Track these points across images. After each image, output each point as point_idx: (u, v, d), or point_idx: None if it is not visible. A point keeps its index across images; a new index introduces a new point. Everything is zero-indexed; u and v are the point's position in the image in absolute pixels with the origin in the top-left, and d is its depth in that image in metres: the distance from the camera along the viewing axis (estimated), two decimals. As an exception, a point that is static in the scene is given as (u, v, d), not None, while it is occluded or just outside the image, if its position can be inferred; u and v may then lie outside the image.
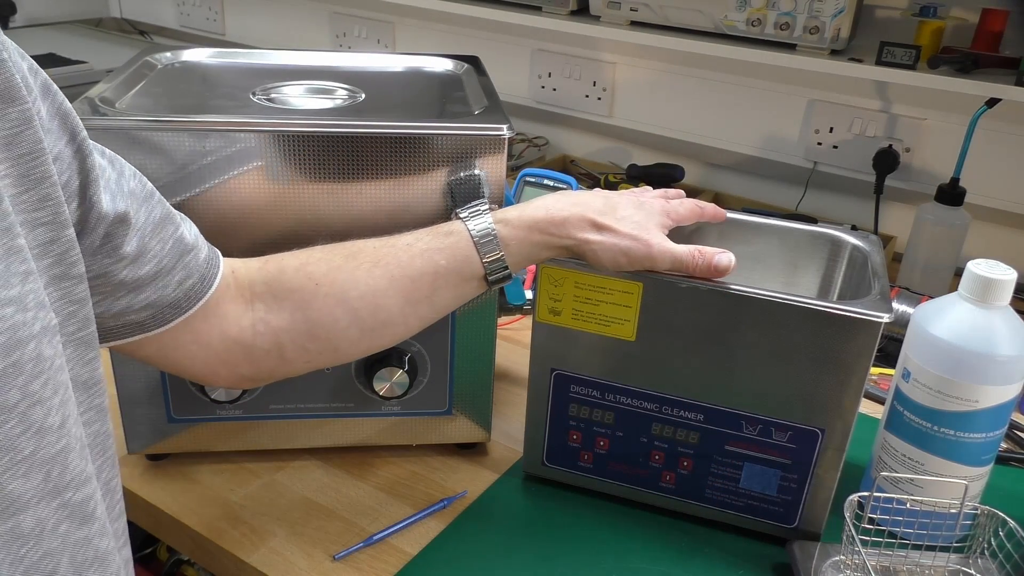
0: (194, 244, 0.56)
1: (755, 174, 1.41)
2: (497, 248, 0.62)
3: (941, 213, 1.10)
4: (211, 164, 0.64)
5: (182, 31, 2.08)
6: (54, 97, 0.44)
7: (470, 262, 0.62)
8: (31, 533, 0.39)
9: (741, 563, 0.69)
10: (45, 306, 0.40)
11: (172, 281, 0.54)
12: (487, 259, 0.62)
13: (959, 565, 0.67)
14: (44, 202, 0.41)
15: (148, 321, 0.54)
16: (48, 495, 0.39)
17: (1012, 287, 0.65)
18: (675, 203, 0.69)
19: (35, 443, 0.38)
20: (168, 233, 0.54)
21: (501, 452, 0.81)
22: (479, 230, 0.62)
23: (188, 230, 0.56)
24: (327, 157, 0.65)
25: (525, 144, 1.55)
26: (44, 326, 0.39)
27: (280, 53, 0.86)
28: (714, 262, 0.63)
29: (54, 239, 0.41)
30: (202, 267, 0.56)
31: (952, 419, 0.66)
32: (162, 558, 1.12)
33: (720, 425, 0.69)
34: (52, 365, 0.39)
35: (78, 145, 0.45)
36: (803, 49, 1.17)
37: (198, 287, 0.56)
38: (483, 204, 0.65)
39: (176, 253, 0.54)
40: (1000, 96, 1.05)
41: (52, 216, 0.41)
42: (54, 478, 0.40)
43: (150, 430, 0.74)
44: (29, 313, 0.38)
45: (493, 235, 0.62)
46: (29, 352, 0.37)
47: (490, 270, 0.62)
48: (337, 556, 0.68)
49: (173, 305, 0.55)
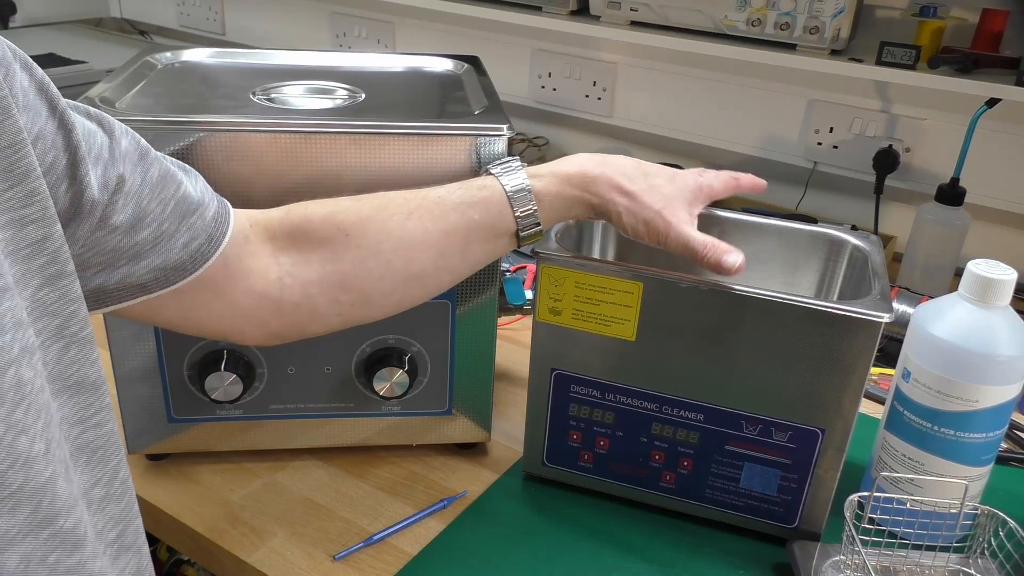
0: (199, 201, 0.53)
1: (755, 174, 1.41)
2: (531, 203, 0.61)
3: (941, 213, 1.10)
4: (211, 164, 0.64)
5: (182, 31, 2.08)
6: (32, 71, 0.41)
7: (503, 217, 0.61)
8: (16, 571, 0.36)
9: (741, 563, 0.69)
10: (23, 324, 0.37)
11: (176, 245, 0.51)
12: (520, 213, 0.61)
13: (959, 565, 0.67)
14: (32, 197, 0.38)
15: (151, 283, 0.51)
16: (37, 527, 0.37)
17: (1012, 287, 0.65)
18: (710, 177, 0.69)
19: (23, 475, 0.36)
20: (169, 193, 0.50)
21: (501, 452, 0.81)
22: (513, 185, 0.61)
23: (193, 185, 0.53)
24: (327, 157, 0.65)
25: (525, 144, 1.55)
26: (23, 347, 0.36)
27: (280, 53, 0.86)
28: (722, 260, 0.62)
29: (47, 236, 0.39)
30: (209, 226, 0.53)
31: (952, 419, 0.66)
32: (162, 558, 1.12)
33: (720, 425, 0.69)
34: (33, 388, 0.37)
35: (60, 117, 0.42)
36: (803, 49, 1.17)
37: (205, 248, 0.53)
38: (515, 160, 0.64)
39: (179, 214, 0.51)
40: (1000, 96, 1.05)
41: (41, 212, 0.39)
42: (44, 508, 0.37)
43: (150, 430, 0.74)
44: (7, 336, 0.35)
45: (527, 189, 0.61)
46: (9, 379, 0.35)
47: (522, 225, 0.62)
48: (337, 556, 0.68)
49: (177, 267, 0.52)
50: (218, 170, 0.64)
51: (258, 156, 0.64)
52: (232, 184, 0.65)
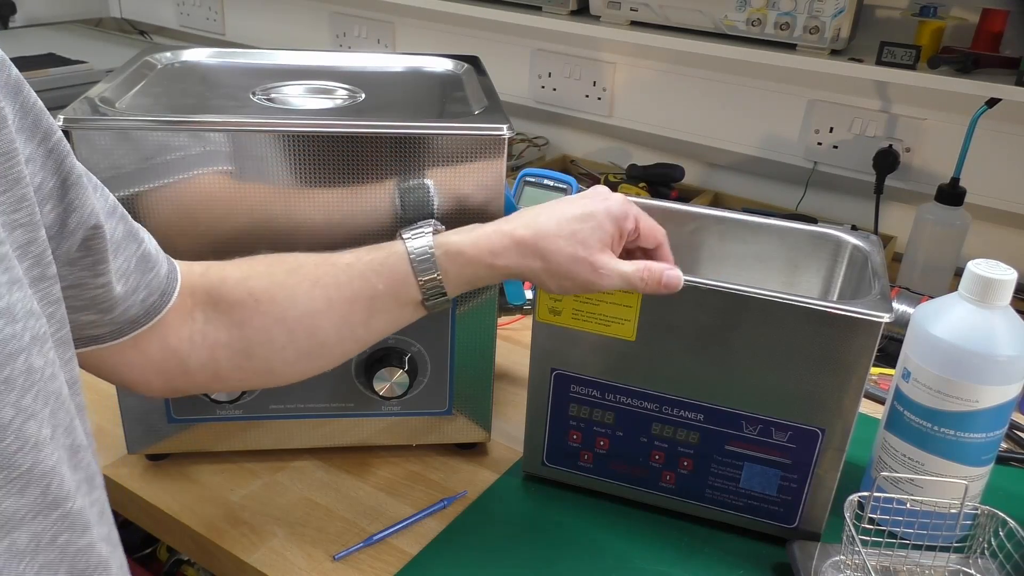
0: (156, 259, 0.55)
1: (755, 174, 1.41)
2: (434, 271, 0.59)
3: (941, 213, 1.10)
4: (210, 164, 0.64)
5: (182, 31, 2.08)
6: (25, 97, 0.42)
7: (407, 285, 0.60)
8: (26, 550, 0.38)
9: (741, 563, 0.69)
10: (35, 314, 0.39)
11: (136, 300, 0.53)
12: (423, 279, 0.59)
13: (959, 565, 0.67)
14: (21, 203, 0.40)
15: (105, 335, 0.53)
16: (47, 508, 0.39)
17: (1012, 287, 0.65)
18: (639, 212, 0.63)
19: (32, 458, 0.37)
20: (132, 251, 0.52)
21: (501, 452, 0.81)
22: (417, 251, 0.60)
23: (151, 244, 0.55)
24: (327, 157, 0.65)
25: (525, 144, 1.55)
26: (34, 335, 0.38)
27: (280, 53, 0.86)
28: (663, 280, 0.60)
29: (31, 240, 0.40)
30: (163, 283, 0.55)
31: (952, 419, 0.66)
32: (162, 558, 1.12)
33: (720, 425, 0.69)
34: (42, 376, 0.38)
35: (52, 146, 0.43)
36: (803, 49, 1.17)
37: (157, 303, 0.54)
38: (427, 225, 0.62)
39: (140, 271, 0.53)
40: (1000, 96, 1.05)
41: (28, 217, 0.40)
42: (52, 491, 0.39)
43: (150, 430, 0.74)
44: (18, 324, 0.37)
45: (430, 257, 0.59)
46: (19, 365, 0.37)
47: (427, 295, 0.60)
48: (337, 556, 0.68)
49: (132, 321, 0.53)
50: (217, 170, 0.64)
51: (258, 156, 0.64)
52: (232, 184, 0.65)
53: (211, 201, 0.65)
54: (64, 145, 0.44)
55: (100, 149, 0.62)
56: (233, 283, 0.59)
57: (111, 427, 0.75)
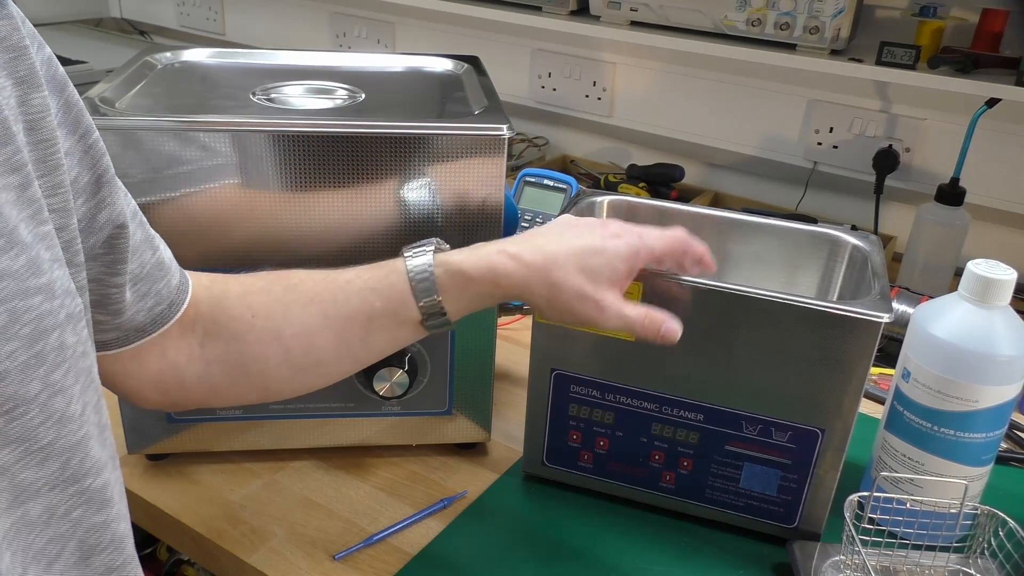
0: (169, 269, 0.55)
1: (755, 174, 1.41)
2: (432, 289, 0.58)
3: (941, 213, 1.10)
4: (211, 164, 0.64)
5: (182, 31, 2.08)
6: (69, 95, 0.44)
7: (406, 305, 0.58)
8: (38, 520, 0.39)
9: (741, 563, 0.69)
10: (71, 292, 0.40)
11: (145, 307, 0.53)
12: (421, 298, 0.58)
13: (959, 565, 0.67)
14: (57, 189, 0.41)
15: (111, 341, 0.53)
16: (64, 482, 0.40)
17: (1012, 287, 0.65)
18: (651, 239, 0.61)
19: (55, 432, 0.38)
20: (147, 256, 0.52)
21: (501, 452, 0.81)
22: (417, 272, 0.58)
23: (166, 253, 0.55)
24: (327, 157, 0.65)
25: (525, 144, 1.55)
26: (69, 313, 0.39)
27: (280, 53, 0.86)
28: (662, 331, 0.59)
29: (64, 226, 0.42)
30: (172, 293, 0.55)
31: (952, 419, 0.66)
32: (162, 558, 1.12)
33: (720, 425, 0.69)
34: (75, 352, 0.39)
35: (91, 143, 0.45)
36: (803, 49, 1.17)
37: (165, 313, 0.54)
38: (429, 243, 0.60)
39: (152, 278, 0.53)
40: (1000, 96, 1.05)
41: (63, 204, 0.42)
42: (73, 465, 0.40)
43: (150, 430, 0.74)
44: (56, 301, 0.38)
45: (430, 277, 0.58)
46: (52, 341, 0.38)
47: (426, 315, 0.58)
48: (337, 556, 0.68)
49: (139, 329, 0.53)
50: (217, 170, 0.64)
51: (258, 156, 0.64)
52: (231, 184, 0.65)
53: (211, 201, 0.65)
54: (100, 145, 0.46)
55: (100, 149, 0.62)
56: (234, 297, 0.59)
57: (111, 427, 0.75)
